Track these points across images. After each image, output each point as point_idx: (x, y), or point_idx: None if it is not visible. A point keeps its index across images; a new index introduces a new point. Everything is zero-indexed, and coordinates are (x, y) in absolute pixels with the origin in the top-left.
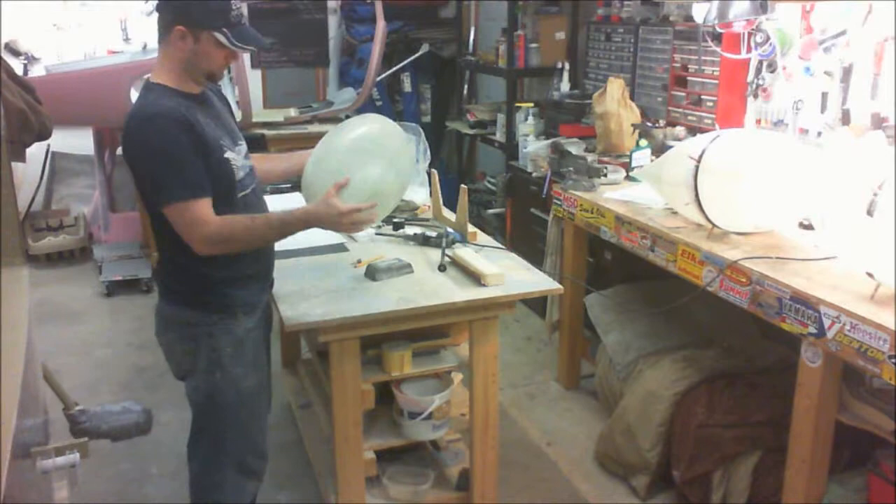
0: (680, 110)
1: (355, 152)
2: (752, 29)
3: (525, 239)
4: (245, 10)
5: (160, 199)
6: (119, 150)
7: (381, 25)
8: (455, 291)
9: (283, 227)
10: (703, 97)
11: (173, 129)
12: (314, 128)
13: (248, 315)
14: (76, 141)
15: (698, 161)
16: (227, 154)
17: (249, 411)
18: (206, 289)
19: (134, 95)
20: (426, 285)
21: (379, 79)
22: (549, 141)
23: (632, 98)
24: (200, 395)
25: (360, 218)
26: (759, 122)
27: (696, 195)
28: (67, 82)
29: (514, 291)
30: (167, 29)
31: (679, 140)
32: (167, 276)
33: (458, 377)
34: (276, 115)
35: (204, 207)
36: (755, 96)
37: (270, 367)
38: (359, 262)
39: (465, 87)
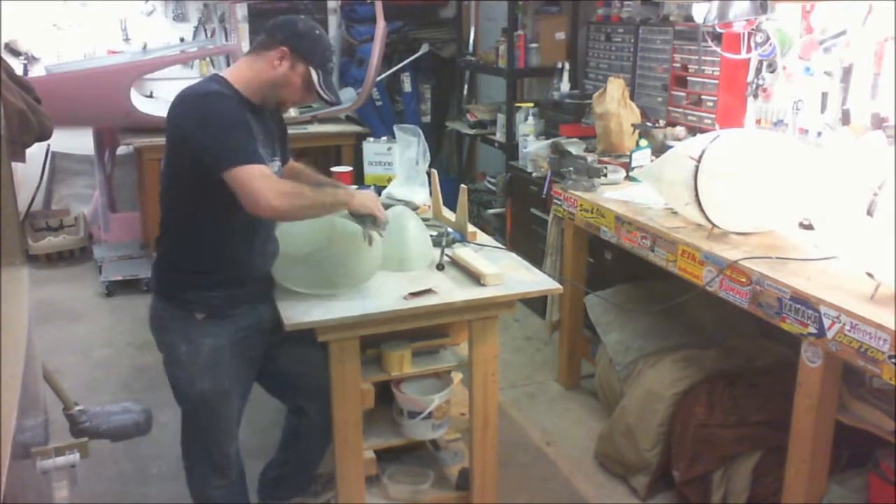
0: (680, 110)
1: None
2: (752, 29)
3: (525, 239)
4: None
5: (226, 163)
6: (120, 150)
7: (381, 25)
8: (454, 291)
9: (335, 194)
10: (703, 97)
11: (236, 107)
12: (314, 128)
13: (209, 319)
14: (76, 141)
15: (698, 161)
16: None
17: (208, 413)
18: (172, 282)
19: (135, 96)
20: (425, 285)
21: (379, 79)
22: (549, 141)
23: (632, 98)
24: (169, 383)
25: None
26: (759, 122)
27: (696, 195)
28: (67, 82)
29: (514, 291)
30: (270, 44)
31: (679, 140)
32: (155, 267)
33: (457, 377)
34: None
35: (268, 169)
36: (755, 96)
37: (250, 384)
38: None
39: (465, 87)
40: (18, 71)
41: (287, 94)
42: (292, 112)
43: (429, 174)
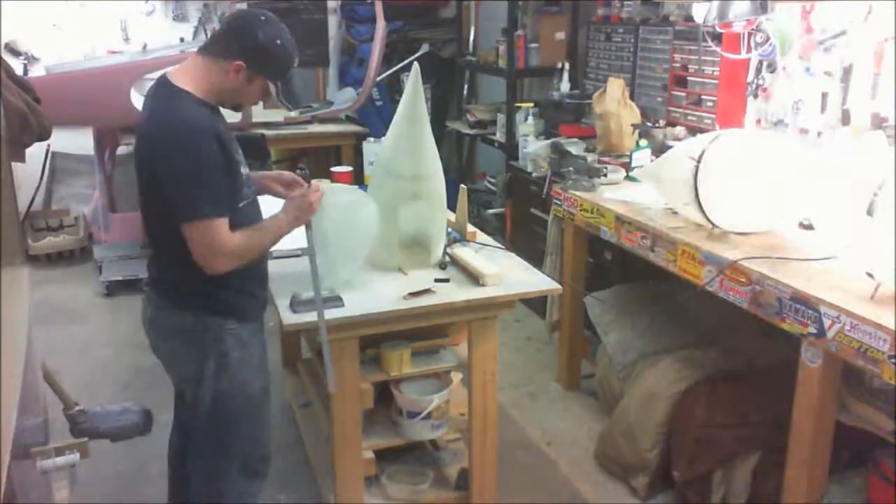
0: (680, 110)
1: None
2: (752, 29)
3: (525, 239)
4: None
5: (185, 213)
6: (120, 150)
7: (381, 25)
8: (454, 291)
9: (276, 229)
10: (703, 97)
11: (210, 144)
12: (314, 128)
13: (255, 319)
14: (76, 141)
15: (698, 161)
16: (243, 169)
17: (255, 415)
18: (219, 294)
19: (134, 95)
20: (425, 285)
21: (379, 79)
22: (549, 141)
23: (632, 98)
24: (207, 404)
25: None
26: (759, 122)
27: (696, 195)
28: (67, 82)
29: (513, 291)
30: (226, 56)
31: (679, 140)
32: (173, 284)
33: (457, 377)
34: (276, 115)
35: (224, 226)
36: (755, 96)
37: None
38: None
39: (465, 87)
40: (18, 71)
41: (243, 101)
42: (292, 112)
43: None
